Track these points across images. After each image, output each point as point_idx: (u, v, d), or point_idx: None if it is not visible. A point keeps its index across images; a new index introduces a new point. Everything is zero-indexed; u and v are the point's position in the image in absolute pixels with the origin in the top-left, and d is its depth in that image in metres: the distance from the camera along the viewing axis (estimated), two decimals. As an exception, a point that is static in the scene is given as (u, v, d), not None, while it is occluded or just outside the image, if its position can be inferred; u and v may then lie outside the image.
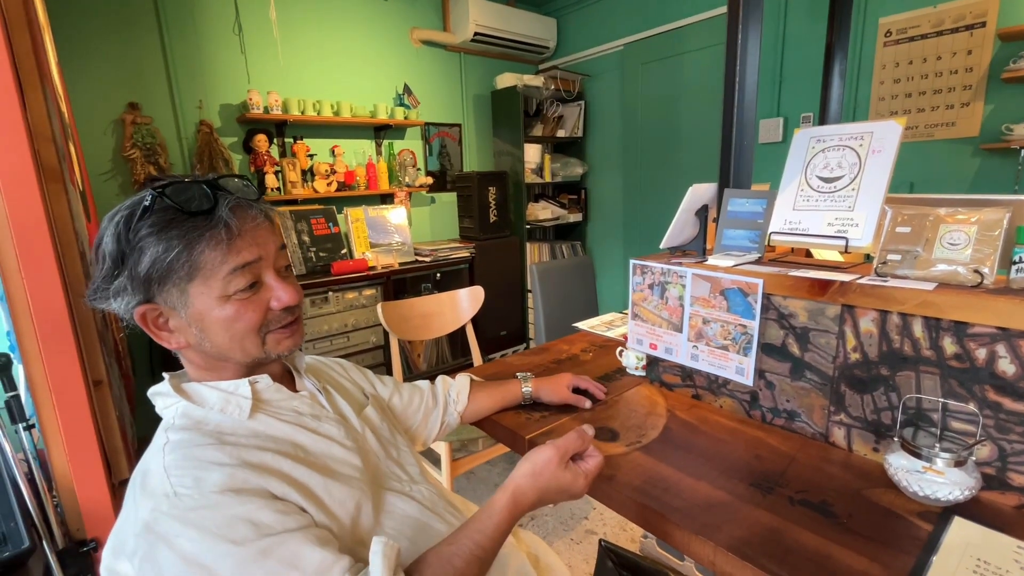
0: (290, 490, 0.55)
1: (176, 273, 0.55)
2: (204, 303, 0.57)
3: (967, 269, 0.72)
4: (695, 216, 1.09)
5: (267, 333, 0.62)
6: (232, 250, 0.57)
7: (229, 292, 0.58)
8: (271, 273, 0.61)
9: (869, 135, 0.88)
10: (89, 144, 2.11)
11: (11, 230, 1.00)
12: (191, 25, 2.34)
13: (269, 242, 0.61)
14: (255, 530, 0.49)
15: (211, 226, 0.56)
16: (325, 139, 2.80)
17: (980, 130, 2.02)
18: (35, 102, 1.09)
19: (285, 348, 0.64)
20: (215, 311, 0.58)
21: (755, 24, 1.03)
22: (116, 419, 1.26)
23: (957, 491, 0.65)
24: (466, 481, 2.12)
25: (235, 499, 0.51)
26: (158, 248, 0.54)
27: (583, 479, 0.64)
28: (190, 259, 0.55)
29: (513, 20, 3.28)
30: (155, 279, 0.56)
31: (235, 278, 0.57)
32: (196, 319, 0.58)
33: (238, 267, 0.57)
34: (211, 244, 0.56)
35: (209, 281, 0.57)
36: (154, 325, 0.59)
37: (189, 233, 0.55)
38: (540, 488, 0.62)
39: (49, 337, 1.05)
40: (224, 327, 0.59)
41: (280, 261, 0.63)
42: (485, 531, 0.58)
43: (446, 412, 0.96)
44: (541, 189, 3.79)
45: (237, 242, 0.57)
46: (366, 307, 2.62)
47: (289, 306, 0.62)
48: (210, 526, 0.48)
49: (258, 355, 0.62)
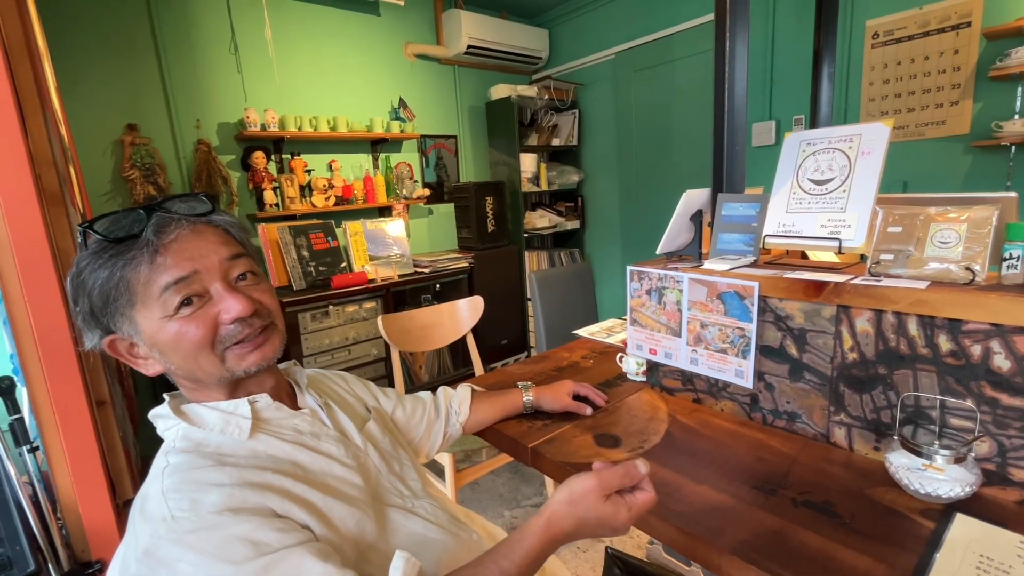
0: (291, 506, 0.55)
1: (116, 301, 0.56)
2: (151, 326, 0.57)
3: (959, 267, 0.73)
4: (690, 221, 1.10)
5: (225, 349, 0.59)
6: (157, 267, 0.56)
7: (170, 311, 0.56)
8: (219, 285, 0.59)
9: (858, 137, 0.90)
10: (89, 166, 2.13)
11: (14, 253, 1.01)
12: (188, 46, 2.38)
13: (210, 253, 0.59)
14: (254, 549, 0.49)
15: (134, 248, 0.56)
16: (322, 154, 2.83)
17: (970, 128, 2.05)
18: (36, 127, 1.10)
19: (251, 363, 0.61)
20: (161, 332, 0.57)
21: (742, 30, 1.04)
22: (119, 439, 1.27)
23: (958, 488, 0.65)
24: (471, 492, 2.11)
25: (233, 519, 0.50)
26: (91, 279, 0.56)
27: (626, 512, 0.57)
28: (119, 284, 0.55)
29: (505, 32, 3.32)
30: (99, 311, 0.57)
31: (170, 295, 0.56)
32: (150, 343, 0.58)
33: (170, 284, 0.56)
34: (132, 265, 0.55)
35: (147, 303, 0.56)
36: (128, 354, 0.60)
37: (114, 259, 0.55)
38: (577, 517, 0.56)
39: (52, 359, 1.06)
40: (173, 348, 0.57)
41: (234, 271, 0.61)
42: (511, 556, 0.55)
43: (448, 423, 0.97)
44: (538, 198, 3.81)
45: (160, 259, 0.56)
46: (367, 320, 2.63)
47: (242, 317, 0.59)
48: (208, 548, 0.48)
49: (220, 374, 0.60)
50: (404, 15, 3.08)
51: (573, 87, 3.53)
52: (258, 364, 0.61)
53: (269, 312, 0.64)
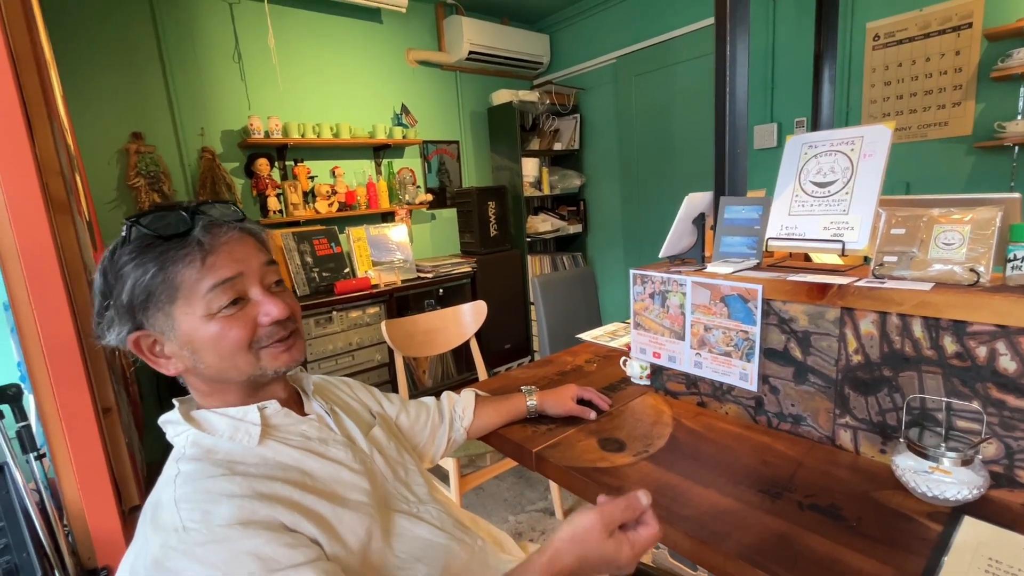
0: (301, 519, 0.55)
1: (157, 296, 0.57)
2: (190, 323, 0.58)
3: (963, 268, 0.73)
4: (692, 225, 1.10)
5: (260, 349, 0.62)
6: (207, 267, 0.58)
7: (213, 310, 0.58)
8: (257, 288, 0.62)
9: (860, 139, 0.90)
10: (94, 174, 2.15)
11: (21, 262, 1.02)
12: (192, 55, 2.40)
13: (252, 258, 0.62)
14: (261, 565, 0.49)
15: (184, 246, 0.57)
16: (325, 161, 2.84)
17: (973, 129, 2.04)
18: (43, 137, 1.12)
19: (283, 363, 0.63)
20: (201, 331, 0.58)
21: (743, 33, 1.05)
22: (126, 446, 1.27)
23: (965, 490, 0.65)
24: (475, 497, 2.10)
25: (243, 532, 0.51)
26: (136, 274, 0.56)
27: (628, 550, 0.56)
28: (167, 280, 0.56)
29: (506, 38, 3.34)
30: (138, 305, 0.57)
31: (216, 295, 0.58)
32: (185, 341, 0.59)
33: (217, 284, 0.58)
34: (185, 263, 0.57)
35: (191, 301, 0.57)
36: (149, 352, 0.60)
37: (163, 255, 0.57)
38: (579, 556, 0.56)
39: (59, 367, 1.06)
40: (212, 346, 0.59)
41: (269, 277, 0.64)
42: None
43: (452, 428, 0.97)
44: (540, 202, 3.82)
45: (211, 259, 0.58)
46: (370, 325, 2.63)
47: (279, 320, 0.62)
48: (217, 562, 0.48)
49: (253, 372, 0.62)
50: (406, 22, 3.10)
51: (574, 92, 3.54)
52: (288, 365, 0.64)
53: (296, 318, 0.67)
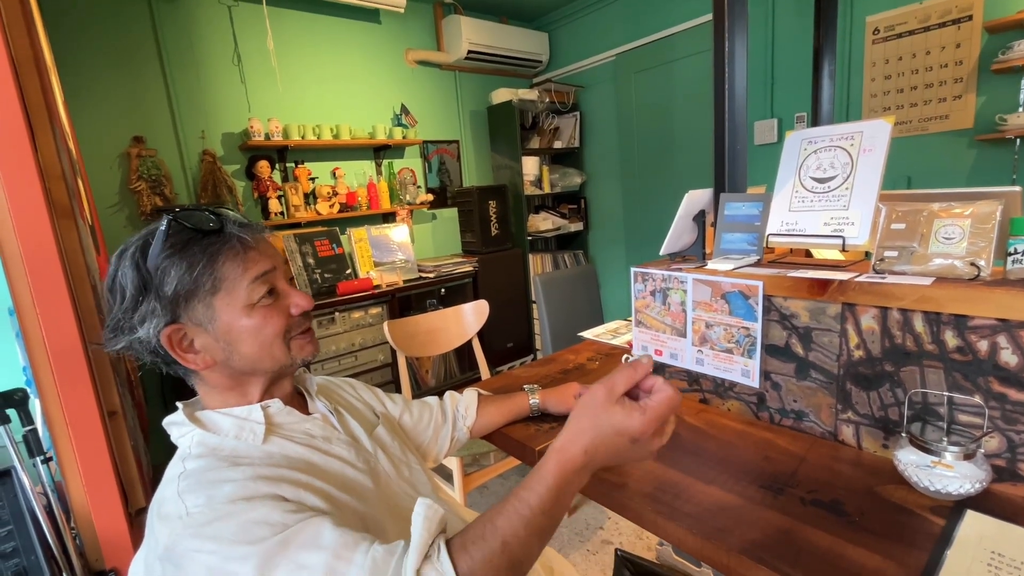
0: (304, 493, 0.56)
1: (202, 288, 0.60)
2: (231, 314, 0.61)
3: (963, 262, 0.73)
4: (693, 222, 1.10)
5: (291, 339, 0.66)
6: (249, 260, 0.62)
7: (253, 300, 0.62)
8: (283, 283, 0.67)
9: (859, 135, 0.90)
10: (96, 178, 2.16)
11: (25, 267, 1.03)
12: (191, 58, 2.40)
13: (276, 255, 0.67)
14: (271, 528, 0.50)
15: (225, 241, 0.61)
16: (326, 162, 2.84)
17: (974, 122, 2.03)
18: (45, 142, 1.12)
19: (308, 353, 0.68)
20: (243, 320, 0.62)
21: (741, 29, 1.05)
22: (131, 449, 1.28)
23: (968, 484, 0.65)
24: (479, 496, 2.11)
25: (247, 505, 0.51)
26: (182, 267, 0.59)
27: (639, 415, 0.51)
28: (213, 273, 0.60)
29: (505, 37, 3.33)
30: (182, 296, 0.59)
31: (257, 286, 0.62)
32: (224, 332, 0.61)
33: (258, 276, 0.62)
34: (230, 257, 0.61)
35: (233, 292, 0.61)
36: (179, 347, 0.61)
37: (208, 249, 0.60)
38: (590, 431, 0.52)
39: (64, 370, 1.07)
40: (253, 335, 0.62)
41: (286, 274, 0.69)
42: (532, 487, 0.52)
43: (455, 427, 0.97)
44: (541, 200, 3.82)
45: (252, 253, 0.63)
46: (372, 326, 2.64)
47: (306, 311, 0.67)
48: (226, 535, 0.49)
49: (285, 361, 0.66)
50: (404, 22, 3.10)
51: (574, 89, 3.54)
52: (312, 355, 0.69)
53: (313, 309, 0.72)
